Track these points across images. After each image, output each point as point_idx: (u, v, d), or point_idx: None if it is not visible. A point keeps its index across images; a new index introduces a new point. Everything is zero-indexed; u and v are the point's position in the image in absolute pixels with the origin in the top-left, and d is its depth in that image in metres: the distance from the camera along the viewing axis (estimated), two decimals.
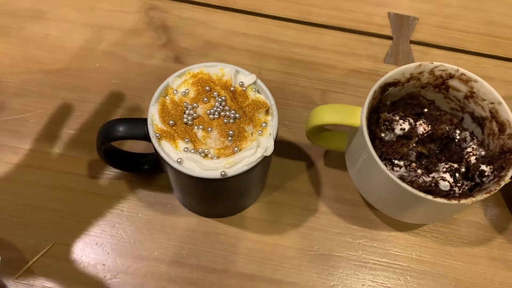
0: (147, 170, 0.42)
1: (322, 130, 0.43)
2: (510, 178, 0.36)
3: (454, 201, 0.34)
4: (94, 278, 0.40)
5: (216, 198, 0.39)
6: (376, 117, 0.41)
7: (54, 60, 0.50)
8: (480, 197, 0.35)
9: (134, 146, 0.45)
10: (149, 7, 0.55)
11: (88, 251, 0.41)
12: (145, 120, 0.34)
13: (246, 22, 0.55)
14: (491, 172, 0.38)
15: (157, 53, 0.52)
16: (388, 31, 0.55)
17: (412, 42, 0.55)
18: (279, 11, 0.56)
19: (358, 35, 0.55)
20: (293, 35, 0.54)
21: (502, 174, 0.36)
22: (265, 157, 0.34)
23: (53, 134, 0.46)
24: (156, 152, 0.34)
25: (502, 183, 0.35)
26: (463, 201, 0.35)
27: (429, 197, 0.34)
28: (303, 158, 0.47)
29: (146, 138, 0.34)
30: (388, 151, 0.40)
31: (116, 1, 0.55)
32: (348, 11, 0.56)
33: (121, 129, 0.35)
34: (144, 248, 0.42)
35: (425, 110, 0.43)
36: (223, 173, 0.32)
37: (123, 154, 0.41)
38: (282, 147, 0.48)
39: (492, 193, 0.35)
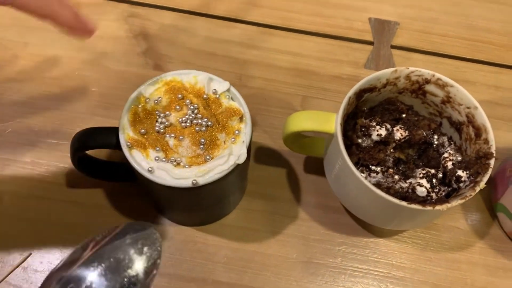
0: (123, 179, 0.41)
1: (300, 136, 0.43)
2: (485, 184, 0.35)
3: (429, 207, 0.34)
4: None
5: (190, 207, 0.38)
6: (353, 123, 0.41)
7: (33, 69, 0.50)
8: (455, 203, 0.35)
9: (112, 155, 0.45)
10: (129, 14, 0.55)
11: None
12: (117, 129, 0.34)
13: (227, 29, 0.55)
14: (468, 178, 0.37)
15: (137, 60, 0.52)
16: (369, 36, 0.55)
17: (393, 47, 0.55)
18: (260, 17, 0.56)
19: (339, 40, 0.55)
20: (274, 42, 0.54)
21: (477, 179, 0.36)
22: (238, 165, 0.33)
23: (31, 143, 0.46)
24: (127, 161, 0.33)
25: (478, 189, 0.35)
26: (438, 207, 0.34)
27: (404, 203, 0.34)
28: (283, 165, 0.47)
29: (118, 147, 0.34)
30: (365, 157, 0.40)
31: (95, 8, 0.55)
32: (329, 17, 0.56)
33: (92, 138, 0.35)
34: None
35: (403, 115, 0.43)
36: (194, 181, 0.32)
37: (98, 163, 0.41)
38: (262, 153, 0.47)
39: (467, 198, 0.35)
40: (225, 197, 0.39)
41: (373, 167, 0.40)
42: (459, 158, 0.39)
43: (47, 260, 0.41)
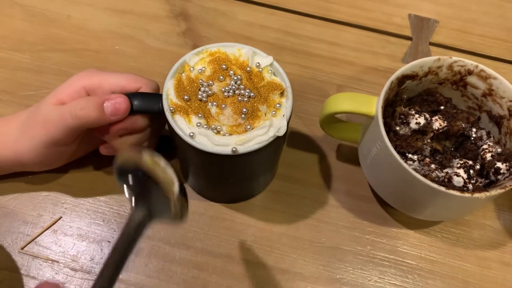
0: (159, 150, 0.42)
1: (336, 120, 0.43)
2: None
3: (467, 194, 0.34)
4: (98, 254, 0.40)
5: (225, 178, 0.38)
6: (392, 110, 0.41)
7: (75, 41, 0.51)
8: (495, 192, 0.34)
9: None
10: None
11: (94, 227, 0.41)
12: (161, 95, 0.34)
13: (265, 15, 0.55)
14: (507, 170, 0.37)
15: (176, 40, 0.52)
16: (407, 32, 0.55)
17: (431, 44, 0.55)
18: (299, 6, 0.56)
19: (377, 33, 0.55)
20: (311, 30, 0.54)
21: None
22: (277, 137, 0.33)
23: None
24: (169, 126, 0.34)
25: None
26: (476, 194, 0.34)
27: (442, 188, 0.34)
28: (315, 151, 0.47)
29: (160, 113, 0.34)
30: (402, 145, 0.39)
31: None
32: (368, 10, 0.57)
33: (136, 102, 0.35)
34: (150, 227, 0.41)
35: (442, 107, 0.43)
36: (234, 149, 0.32)
37: None
38: (295, 138, 0.47)
39: (507, 188, 0.34)
40: (259, 173, 0.39)
41: (410, 155, 0.39)
42: (499, 150, 0.38)
43: (77, 225, 0.41)
